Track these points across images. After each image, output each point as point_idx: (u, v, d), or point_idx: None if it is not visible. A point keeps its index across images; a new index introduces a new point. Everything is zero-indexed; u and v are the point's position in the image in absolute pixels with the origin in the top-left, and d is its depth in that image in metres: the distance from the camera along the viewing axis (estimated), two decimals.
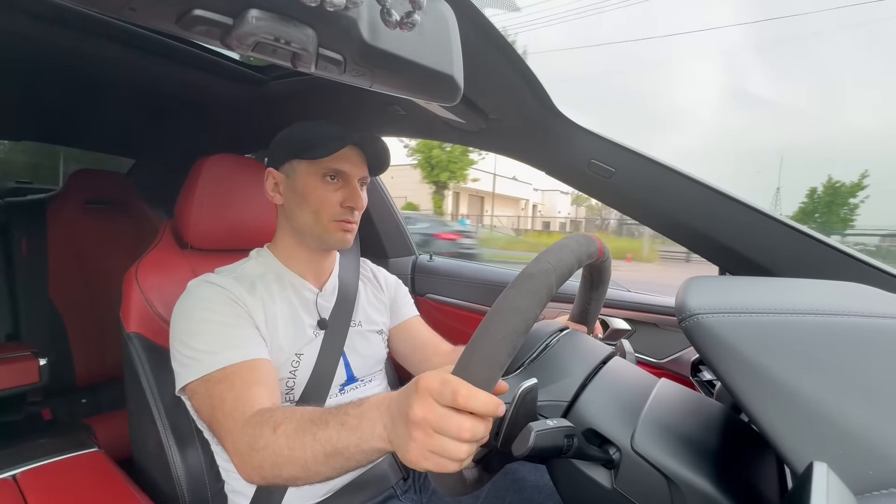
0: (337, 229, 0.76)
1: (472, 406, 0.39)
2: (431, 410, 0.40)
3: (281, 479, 0.53)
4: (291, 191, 0.77)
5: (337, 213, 0.76)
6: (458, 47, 0.48)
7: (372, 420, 0.46)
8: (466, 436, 0.39)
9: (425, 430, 0.40)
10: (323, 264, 0.84)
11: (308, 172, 0.75)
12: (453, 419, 0.39)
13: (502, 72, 0.74)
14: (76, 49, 0.94)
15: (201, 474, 0.78)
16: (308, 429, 0.50)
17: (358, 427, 0.47)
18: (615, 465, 0.46)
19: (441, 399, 0.39)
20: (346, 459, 0.48)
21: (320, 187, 0.75)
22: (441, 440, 0.39)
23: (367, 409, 0.47)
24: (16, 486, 0.73)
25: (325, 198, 0.75)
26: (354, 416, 0.47)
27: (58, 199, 1.52)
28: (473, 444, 0.40)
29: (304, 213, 0.76)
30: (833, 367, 0.36)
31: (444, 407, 0.39)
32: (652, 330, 1.04)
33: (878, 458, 0.32)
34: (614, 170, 0.83)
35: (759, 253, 0.74)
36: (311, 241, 0.79)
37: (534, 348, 0.57)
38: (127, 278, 0.85)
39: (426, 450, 0.40)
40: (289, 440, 0.51)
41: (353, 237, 0.79)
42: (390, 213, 1.48)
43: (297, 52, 0.39)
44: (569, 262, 0.47)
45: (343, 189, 0.76)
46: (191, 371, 0.64)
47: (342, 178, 0.76)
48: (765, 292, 0.49)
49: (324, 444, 0.48)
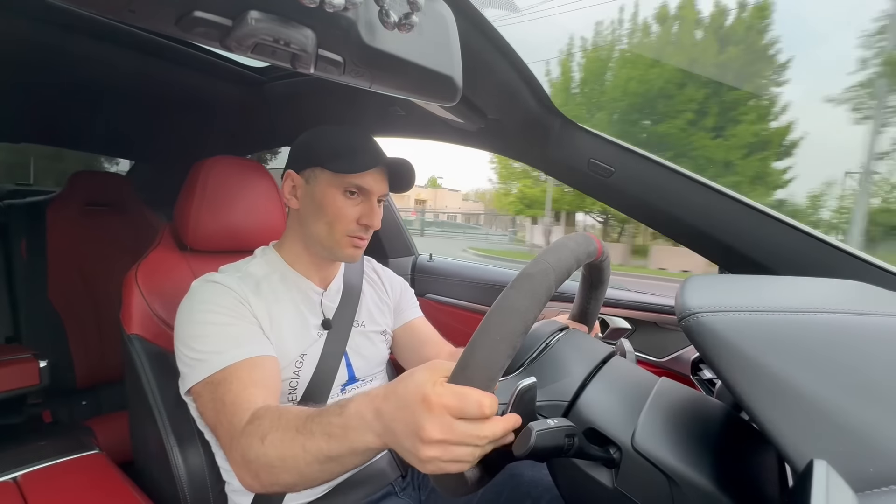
0: (348, 244, 0.76)
1: (490, 413, 0.39)
2: (452, 431, 0.39)
3: (280, 486, 0.53)
4: (310, 198, 0.75)
5: (352, 230, 0.75)
6: (456, 47, 0.49)
7: (358, 429, 0.45)
8: (486, 442, 0.40)
9: (444, 447, 0.40)
10: (329, 269, 0.84)
11: (330, 184, 0.73)
12: (473, 429, 0.39)
13: (501, 72, 0.74)
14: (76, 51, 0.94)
15: (202, 475, 0.78)
16: (295, 439, 0.50)
17: (345, 437, 0.46)
18: (616, 465, 0.46)
19: (463, 415, 0.40)
20: (342, 465, 0.48)
21: (340, 200, 0.73)
22: (459, 451, 0.40)
23: (350, 418, 0.46)
24: (17, 488, 0.73)
25: (342, 212, 0.73)
26: (338, 426, 0.47)
27: (57, 201, 1.52)
28: (485, 448, 0.41)
29: (319, 223, 0.75)
30: (833, 364, 0.36)
31: (462, 421, 0.40)
32: (652, 329, 1.04)
33: (878, 455, 0.32)
34: (613, 169, 0.83)
35: (759, 251, 0.75)
36: (319, 250, 0.78)
37: (534, 348, 0.57)
38: (127, 280, 0.85)
39: (442, 462, 0.40)
40: (278, 451, 0.51)
41: (361, 253, 0.79)
42: (390, 212, 1.48)
43: (296, 53, 0.39)
44: (568, 261, 0.47)
45: (362, 205, 0.75)
46: (195, 373, 0.65)
47: (363, 194, 0.75)
48: (765, 290, 0.49)
49: (315, 455, 0.48)
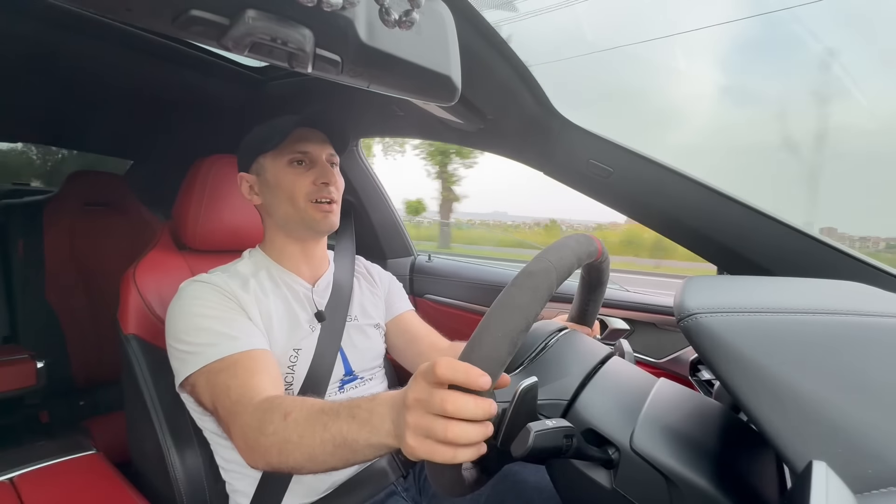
0: (316, 210, 0.77)
1: (477, 384, 0.38)
2: (424, 390, 0.40)
3: (286, 465, 0.53)
4: (265, 186, 0.79)
5: (311, 192, 0.77)
6: (455, 47, 0.48)
7: (382, 415, 0.46)
8: (460, 415, 0.39)
9: (417, 411, 0.40)
10: (315, 258, 0.85)
11: (274, 164, 0.77)
12: (448, 396, 0.39)
13: (500, 72, 0.74)
14: (73, 50, 0.94)
15: (200, 475, 0.78)
16: (319, 418, 0.50)
17: (368, 421, 0.47)
18: (614, 466, 0.46)
19: (432, 378, 0.40)
20: (353, 452, 0.48)
21: (290, 173, 0.77)
22: (432, 420, 0.39)
23: (378, 405, 0.47)
24: (13, 489, 0.72)
25: (295, 181, 0.76)
26: (366, 409, 0.47)
27: (55, 200, 1.51)
28: (466, 429, 0.39)
29: (281, 202, 0.77)
30: (832, 365, 0.36)
31: (436, 386, 0.40)
32: (651, 330, 1.04)
33: (877, 456, 0.32)
34: (612, 169, 0.83)
35: (758, 252, 0.75)
36: (295, 229, 0.80)
37: (533, 348, 0.57)
38: (125, 280, 0.85)
39: (419, 433, 0.40)
40: (299, 428, 0.51)
41: (336, 218, 0.80)
42: (389, 212, 1.48)
43: (293, 52, 0.39)
44: (569, 260, 0.47)
45: (313, 170, 0.78)
46: (189, 364, 0.65)
47: (309, 159, 0.78)
48: (763, 291, 0.49)
49: (334, 435, 0.48)
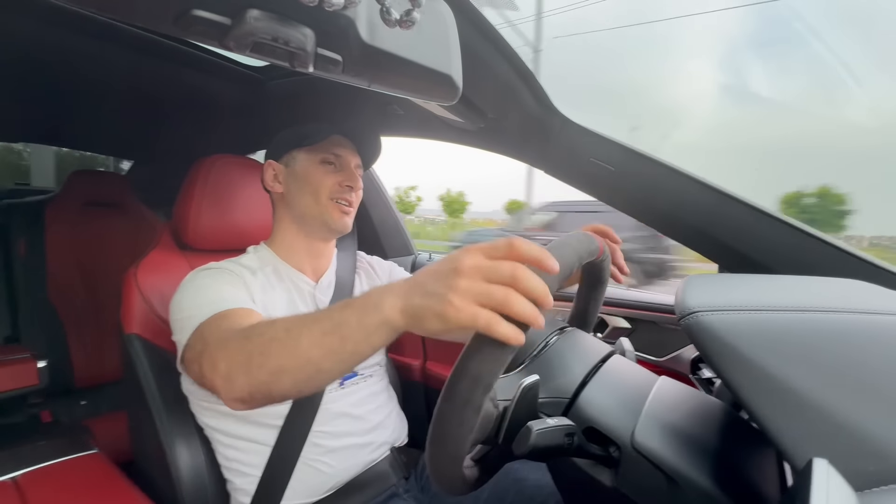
0: (336, 209, 0.81)
1: (542, 259, 0.39)
2: (485, 260, 0.39)
3: (266, 370, 0.49)
4: (292, 177, 0.82)
5: (335, 192, 0.80)
6: (456, 46, 0.48)
7: (378, 294, 0.45)
8: (524, 285, 0.38)
9: (474, 277, 0.39)
10: (321, 257, 0.87)
11: (307, 159, 0.82)
12: (518, 267, 0.38)
13: (501, 71, 0.74)
14: (75, 50, 0.94)
15: (202, 475, 0.78)
16: (310, 315, 0.50)
17: (363, 304, 0.45)
18: (615, 464, 0.46)
19: (499, 252, 0.40)
20: (342, 339, 0.45)
21: (319, 170, 0.81)
22: (491, 286, 0.38)
23: (376, 289, 0.46)
24: (16, 488, 0.73)
25: (323, 179, 0.80)
26: (362, 296, 0.46)
27: (56, 200, 1.51)
28: (524, 303, 0.38)
29: (305, 195, 0.81)
30: (833, 363, 0.36)
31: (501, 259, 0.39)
32: (651, 328, 1.04)
33: (878, 454, 0.32)
34: (613, 168, 0.83)
35: (758, 250, 0.74)
36: (311, 224, 0.83)
37: (534, 346, 0.58)
38: (126, 280, 0.85)
39: (467, 297, 0.38)
40: (286, 324, 0.51)
41: (350, 222, 0.84)
42: (389, 211, 1.48)
43: (295, 52, 0.39)
44: (570, 258, 0.47)
45: (340, 173, 0.82)
46: (188, 326, 0.64)
47: (339, 162, 0.82)
48: (764, 290, 0.49)
49: (322, 323, 0.47)
